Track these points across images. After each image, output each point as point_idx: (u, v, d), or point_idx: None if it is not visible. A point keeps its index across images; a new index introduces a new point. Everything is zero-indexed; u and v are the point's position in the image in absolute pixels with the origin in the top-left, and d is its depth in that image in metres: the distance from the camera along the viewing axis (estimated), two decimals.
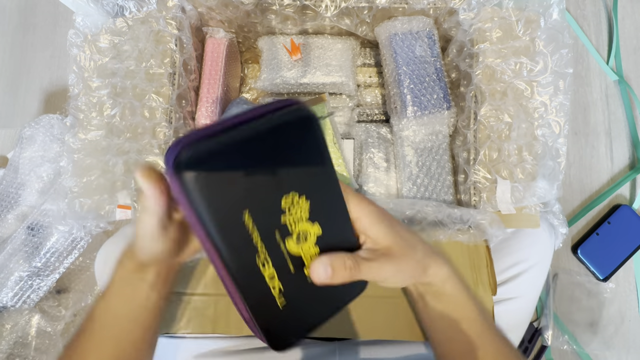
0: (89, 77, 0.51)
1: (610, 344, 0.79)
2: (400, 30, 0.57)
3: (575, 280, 0.81)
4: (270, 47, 0.63)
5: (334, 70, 0.62)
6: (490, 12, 0.51)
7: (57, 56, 0.96)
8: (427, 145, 0.59)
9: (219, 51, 0.62)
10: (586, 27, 0.93)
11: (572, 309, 0.80)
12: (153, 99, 0.52)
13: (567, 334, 0.78)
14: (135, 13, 0.53)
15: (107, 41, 0.52)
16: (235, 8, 0.56)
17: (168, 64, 0.52)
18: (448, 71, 0.60)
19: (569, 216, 0.85)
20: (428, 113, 0.56)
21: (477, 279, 0.51)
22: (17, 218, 0.74)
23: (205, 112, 0.61)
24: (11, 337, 0.69)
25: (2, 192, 0.76)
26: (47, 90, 0.95)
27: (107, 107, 0.51)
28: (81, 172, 0.50)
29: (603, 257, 0.80)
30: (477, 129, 0.51)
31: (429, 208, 0.49)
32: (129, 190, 0.49)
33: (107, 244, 0.55)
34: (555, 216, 0.68)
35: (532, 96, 0.50)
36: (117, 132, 0.51)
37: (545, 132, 0.49)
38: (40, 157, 0.76)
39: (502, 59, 0.51)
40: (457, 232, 0.48)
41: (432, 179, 0.58)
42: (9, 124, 0.93)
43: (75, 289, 0.78)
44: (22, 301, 0.71)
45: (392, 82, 0.59)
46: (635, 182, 0.85)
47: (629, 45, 0.92)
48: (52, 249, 0.71)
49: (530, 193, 0.48)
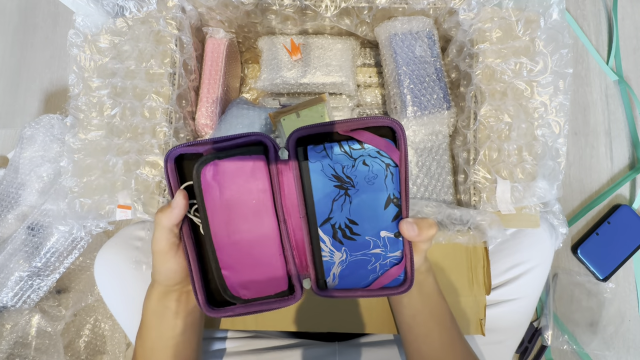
0: (89, 77, 0.52)
1: (610, 343, 0.79)
2: (400, 31, 0.57)
3: (575, 280, 0.81)
4: (270, 47, 0.63)
5: (334, 70, 0.62)
6: (490, 12, 0.51)
7: (58, 56, 0.96)
8: (427, 145, 0.59)
9: (219, 51, 0.62)
10: (586, 27, 0.93)
11: (572, 308, 0.80)
12: (153, 99, 0.52)
13: (567, 334, 0.78)
14: (136, 13, 0.53)
15: (107, 41, 0.52)
16: (236, 8, 0.56)
17: (168, 64, 0.52)
18: (448, 71, 0.60)
19: (569, 216, 0.85)
20: (428, 113, 0.56)
21: (473, 279, 0.51)
22: (18, 218, 0.74)
23: (206, 112, 0.61)
24: (11, 337, 0.69)
25: (3, 192, 0.76)
26: (48, 90, 0.95)
27: (107, 107, 0.51)
28: (81, 172, 0.50)
29: (603, 257, 0.80)
30: (477, 129, 0.51)
31: (429, 208, 0.49)
32: (129, 190, 0.49)
33: (105, 246, 0.55)
34: (555, 216, 0.68)
35: (532, 96, 0.50)
36: (117, 132, 0.51)
37: (545, 132, 0.49)
38: (40, 157, 0.76)
39: (502, 59, 0.51)
40: (457, 233, 0.48)
41: (432, 179, 0.58)
42: (9, 124, 0.93)
43: (75, 288, 0.78)
44: (22, 301, 0.71)
45: (392, 82, 0.59)
46: (635, 182, 0.85)
47: (629, 46, 0.92)
48: (52, 249, 0.71)
49: (530, 193, 0.48)
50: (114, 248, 0.54)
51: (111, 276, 0.53)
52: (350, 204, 0.32)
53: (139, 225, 0.57)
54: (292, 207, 0.33)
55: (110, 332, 0.78)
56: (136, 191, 0.49)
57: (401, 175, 0.32)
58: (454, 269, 0.52)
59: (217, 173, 0.31)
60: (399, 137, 0.31)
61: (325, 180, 0.32)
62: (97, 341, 0.78)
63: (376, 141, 0.31)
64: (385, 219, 0.32)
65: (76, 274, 0.79)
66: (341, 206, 0.32)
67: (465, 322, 0.51)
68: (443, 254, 0.52)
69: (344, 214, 0.32)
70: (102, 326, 0.79)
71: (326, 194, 0.32)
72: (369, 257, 0.33)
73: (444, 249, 0.52)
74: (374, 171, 0.32)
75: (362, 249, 0.33)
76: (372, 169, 0.32)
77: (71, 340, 0.76)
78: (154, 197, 0.49)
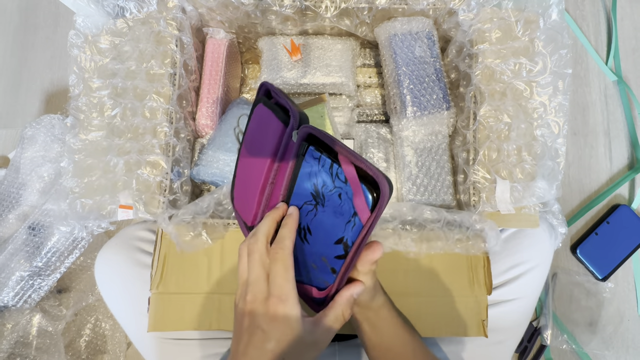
0: (89, 77, 0.52)
1: (609, 343, 0.79)
2: (400, 31, 0.57)
3: (574, 280, 0.81)
4: (270, 47, 0.63)
5: (333, 70, 0.62)
6: (490, 13, 0.51)
7: (58, 57, 0.96)
8: (427, 146, 0.59)
9: (219, 52, 0.62)
10: (585, 27, 0.93)
11: (571, 308, 0.80)
12: (154, 99, 0.52)
13: (566, 334, 0.78)
14: (136, 14, 0.53)
15: (108, 42, 0.52)
16: (236, 9, 0.56)
17: (168, 64, 0.53)
18: (447, 72, 0.60)
19: (568, 216, 0.85)
20: (427, 113, 0.56)
21: (474, 279, 0.51)
22: (19, 218, 0.74)
23: (206, 112, 0.61)
24: (12, 336, 0.69)
25: (4, 192, 0.76)
26: (48, 91, 0.95)
27: (108, 108, 0.51)
28: (82, 173, 0.50)
29: (602, 256, 0.80)
30: (476, 129, 0.51)
31: (429, 214, 0.49)
32: (131, 190, 0.49)
33: (106, 246, 0.55)
34: (554, 216, 0.68)
35: (532, 96, 0.50)
36: (117, 133, 0.51)
37: (545, 133, 0.49)
38: (41, 157, 0.76)
39: (502, 60, 0.51)
40: (457, 241, 0.48)
41: (431, 179, 0.58)
42: (10, 124, 0.93)
43: (76, 288, 0.78)
44: (23, 301, 0.71)
45: (391, 83, 0.59)
46: (634, 182, 0.85)
47: (628, 46, 0.92)
48: (53, 249, 0.72)
49: (530, 193, 0.48)
50: (115, 248, 0.54)
51: (112, 276, 0.53)
52: (314, 215, 0.33)
53: (140, 226, 0.57)
54: (281, 182, 0.37)
55: (111, 331, 0.79)
56: (137, 191, 0.49)
57: (361, 233, 0.30)
58: (453, 269, 0.51)
59: (258, 112, 0.40)
60: (381, 200, 0.29)
61: (308, 183, 0.34)
62: (98, 341, 0.78)
63: (356, 189, 0.30)
64: (331, 251, 0.32)
65: (77, 273, 0.79)
66: (307, 212, 0.34)
67: (467, 323, 0.50)
68: (442, 254, 0.52)
69: (307, 220, 0.34)
70: (102, 326, 0.79)
71: (303, 195, 0.34)
72: (310, 264, 0.34)
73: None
74: (342, 208, 0.31)
75: (309, 255, 0.34)
76: (342, 205, 0.31)
77: (72, 339, 0.77)
78: (155, 197, 0.50)
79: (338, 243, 0.32)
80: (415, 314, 0.50)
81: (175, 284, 0.50)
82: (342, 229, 0.31)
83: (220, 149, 0.58)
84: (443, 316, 0.50)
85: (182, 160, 0.55)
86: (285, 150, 0.36)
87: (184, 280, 0.50)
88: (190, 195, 0.58)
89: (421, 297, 0.51)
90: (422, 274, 0.51)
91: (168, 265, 0.51)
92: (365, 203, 0.30)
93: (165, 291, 0.50)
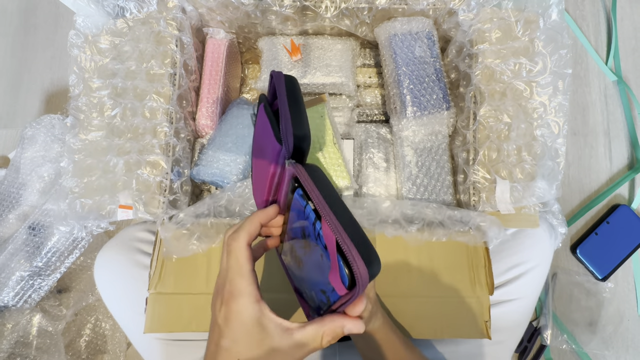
0: (89, 77, 0.52)
1: (609, 343, 0.79)
2: (400, 31, 0.57)
3: (574, 280, 0.81)
4: (270, 47, 0.63)
5: (333, 70, 0.62)
6: (490, 13, 0.51)
7: (58, 57, 0.97)
8: (427, 146, 0.59)
9: (219, 52, 0.62)
10: (585, 27, 0.93)
11: (571, 308, 0.80)
12: (154, 99, 0.52)
13: (566, 334, 0.78)
14: (136, 14, 0.53)
15: (108, 42, 0.52)
16: (236, 9, 0.56)
17: (169, 64, 0.53)
18: (447, 72, 0.60)
19: (568, 216, 0.85)
20: (427, 113, 0.57)
21: (475, 279, 0.51)
22: (19, 218, 0.74)
23: (206, 112, 0.61)
24: (12, 336, 0.69)
25: (4, 192, 0.76)
26: (48, 91, 0.95)
27: (108, 108, 0.51)
28: (82, 173, 0.50)
29: (602, 256, 0.80)
30: (476, 129, 0.51)
31: (430, 210, 0.49)
32: (130, 190, 0.49)
33: (106, 247, 0.55)
34: (554, 216, 0.68)
35: (531, 96, 0.50)
36: (117, 133, 0.51)
37: (545, 133, 0.49)
38: (41, 157, 0.76)
39: (502, 60, 0.51)
40: (458, 232, 0.48)
41: (431, 179, 0.58)
42: (10, 124, 0.93)
43: (76, 288, 0.78)
44: (23, 301, 0.71)
45: (391, 83, 0.59)
46: (634, 182, 0.85)
47: (628, 46, 0.92)
48: (53, 249, 0.72)
49: (530, 193, 0.48)
50: (114, 249, 0.54)
51: (111, 277, 0.53)
52: (304, 251, 0.31)
53: (140, 226, 0.57)
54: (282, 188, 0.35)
55: (111, 331, 0.79)
56: (137, 191, 0.49)
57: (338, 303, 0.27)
58: (454, 269, 0.51)
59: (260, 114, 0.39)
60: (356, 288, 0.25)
61: (297, 222, 0.32)
62: (98, 340, 0.78)
63: (333, 264, 0.26)
64: (320, 288, 0.29)
65: (77, 273, 0.79)
66: (298, 245, 0.32)
67: (469, 325, 0.49)
68: (443, 253, 0.51)
69: (298, 249, 0.32)
70: (102, 325, 0.79)
71: (295, 228, 0.32)
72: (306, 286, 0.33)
73: (443, 249, 0.51)
74: (323, 268, 0.27)
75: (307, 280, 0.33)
76: (323, 266, 0.27)
77: (72, 339, 0.77)
78: (155, 197, 0.50)
79: (322, 293, 0.29)
80: (417, 316, 0.50)
81: (173, 284, 0.50)
82: (325, 284, 0.28)
83: (221, 149, 0.58)
84: (445, 317, 0.50)
85: (182, 160, 0.55)
86: (283, 169, 0.33)
87: (182, 281, 0.50)
88: (190, 195, 0.58)
89: (423, 297, 0.50)
90: (423, 274, 0.51)
91: (166, 265, 0.51)
92: (341, 282, 0.25)
93: (163, 291, 0.50)
